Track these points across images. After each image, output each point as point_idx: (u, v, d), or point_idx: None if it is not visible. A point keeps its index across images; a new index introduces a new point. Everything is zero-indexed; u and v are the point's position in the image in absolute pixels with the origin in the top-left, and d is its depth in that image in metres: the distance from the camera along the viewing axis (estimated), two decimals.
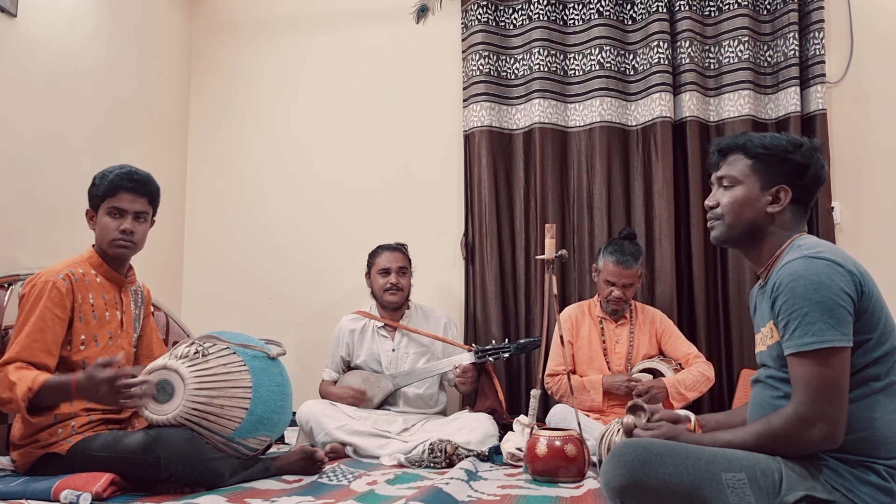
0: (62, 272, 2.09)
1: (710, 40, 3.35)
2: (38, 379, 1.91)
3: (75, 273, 2.12)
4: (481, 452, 2.53)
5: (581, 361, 2.92)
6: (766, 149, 1.57)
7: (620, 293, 2.85)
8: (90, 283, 2.15)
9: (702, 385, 2.78)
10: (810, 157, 1.56)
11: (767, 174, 1.57)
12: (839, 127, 3.25)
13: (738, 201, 1.59)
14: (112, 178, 2.17)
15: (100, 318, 2.15)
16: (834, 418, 1.39)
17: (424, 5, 3.59)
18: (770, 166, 1.57)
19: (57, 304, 2.04)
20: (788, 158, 1.56)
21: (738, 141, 1.62)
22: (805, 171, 1.56)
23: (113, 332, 2.18)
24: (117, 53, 3.22)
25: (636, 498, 1.39)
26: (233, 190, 3.75)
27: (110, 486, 1.88)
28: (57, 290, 2.05)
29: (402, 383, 2.97)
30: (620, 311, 2.92)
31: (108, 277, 2.21)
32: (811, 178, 1.56)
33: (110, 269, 2.21)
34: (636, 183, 3.32)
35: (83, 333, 2.10)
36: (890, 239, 3.19)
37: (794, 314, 1.42)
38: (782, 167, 1.56)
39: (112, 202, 2.16)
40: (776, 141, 1.58)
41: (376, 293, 3.07)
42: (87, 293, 2.13)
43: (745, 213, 1.58)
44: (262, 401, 2.10)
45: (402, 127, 3.62)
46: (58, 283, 2.06)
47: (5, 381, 1.93)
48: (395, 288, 3.02)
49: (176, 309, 3.59)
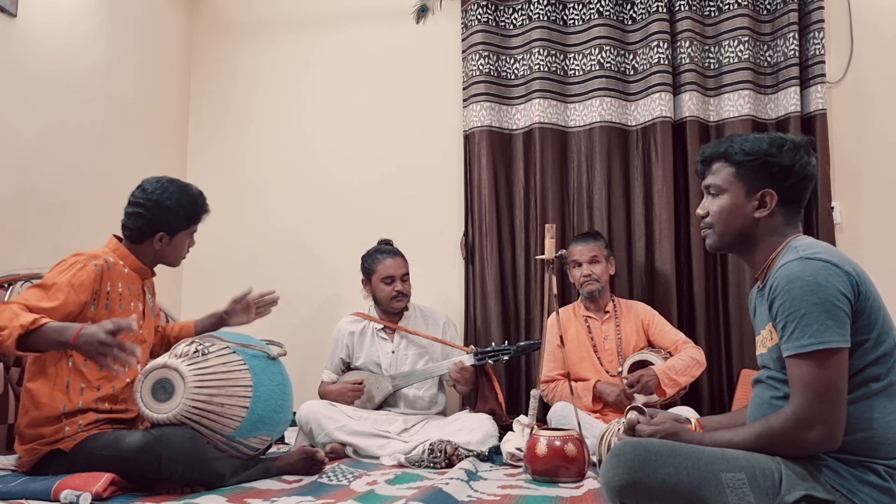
0: (97, 259, 2.12)
1: (710, 40, 3.35)
2: (42, 319, 1.85)
3: (109, 261, 2.15)
4: (481, 452, 2.53)
5: (573, 362, 2.93)
6: (747, 154, 1.56)
7: (588, 270, 2.92)
8: (119, 272, 2.19)
9: (693, 369, 2.78)
10: (793, 157, 1.54)
11: (751, 180, 1.56)
12: (839, 127, 3.25)
13: (725, 210, 1.58)
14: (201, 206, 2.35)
15: (125, 308, 2.18)
16: (832, 420, 1.39)
17: (424, 5, 3.59)
18: (753, 171, 1.56)
19: (80, 283, 2.04)
20: (770, 162, 1.54)
21: (720, 148, 1.61)
22: (789, 171, 1.54)
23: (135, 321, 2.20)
24: (117, 53, 3.22)
25: (636, 498, 1.39)
26: (232, 190, 3.75)
27: (110, 485, 1.88)
28: (86, 272, 2.06)
29: (402, 384, 2.97)
30: (597, 293, 2.95)
31: (135, 268, 2.25)
32: (797, 178, 1.54)
33: (136, 259, 2.25)
34: (636, 183, 3.32)
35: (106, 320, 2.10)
36: (890, 239, 3.19)
37: (791, 316, 1.42)
38: (765, 171, 1.55)
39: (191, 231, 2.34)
40: (757, 145, 1.56)
41: (381, 301, 3.05)
42: (118, 281, 2.17)
43: (733, 220, 1.58)
44: (262, 400, 2.10)
45: (402, 127, 3.62)
46: (89, 266, 2.08)
47: (6, 311, 1.86)
48: (401, 295, 3.02)
49: (176, 309, 3.59)
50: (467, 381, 2.92)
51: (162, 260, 2.32)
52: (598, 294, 2.96)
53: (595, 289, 2.94)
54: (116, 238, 2.27)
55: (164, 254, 2.30)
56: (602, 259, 2.96)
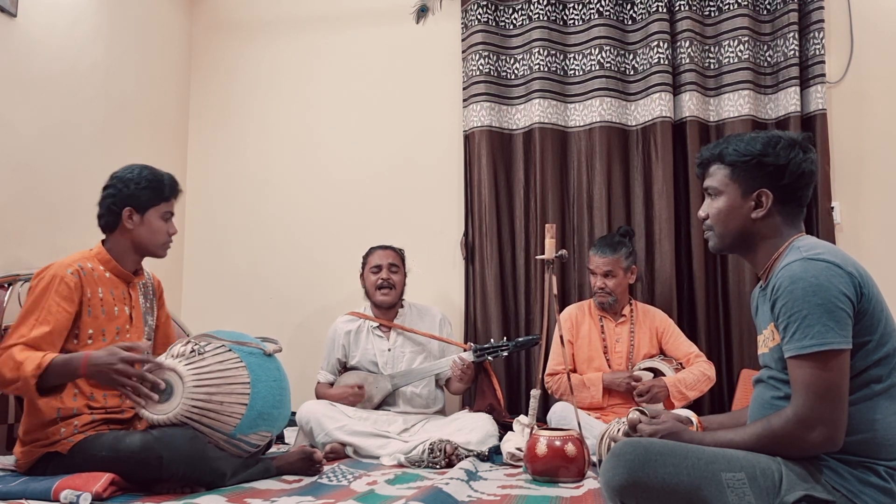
0: (71, 266, 2.10)
1: (710, 40, 3.35)
2: (46, 357, 1.90)
3: (84, 267, 2.13)
4: (481, 452, 2.53)
5: (581, 360, 2.93)
6: (741, 155, 1.56)
7: (602, 283, 2.88)
8: (99, 277, 2.16)
9: (703, 384, 2.78)
10: (787, 155, 1.53)
11: (746, 180, 1.56)
12: (839, 127, 3.25)
13: (723, 211, 1.59)
14: (169, 183, 2.25)
15: (108, 313, 2.16)
16: (834, 421, 1.38)
17: (424, 5, 3.59)
18: (748, 172, 1.56)
19: (65, 297, 2.04)
20: (765, 161, 1.54)
21: (716, 151, 1.62)
22: (784, 170, 1.53)
23: (121, 327, 2.19)
24: (117, 53, 3.22)
25: (636, 497, 1.39)
26: (232, 190, 3.75)
27: (110, 486, 1.88)
28: (65, 284, 2.05)
29: (401, 383, 2.97)
30: (607, 305, 2.92)
31: (117, 273, 2.22)
32: (793, 177, 1.54)
33: (118, 265, 2.22)
34: (636, 183, 3.32)
35: (91, 327, 2.11)
36: (890, 239, 3.19)
37: (793, 317, 1.42)
38: (760, 171, 1.55)
39: (167, 206, 2.25)
40: (751, 146, 1.56)
41: (369, 292, 3.08)
42: (97, 287, 2.14)
43: (732, 221, 1.59)
44: (260, 396, 2.10)
45: (402, 127, 3.62)
46: (66, 277, 2.06)
47: (10, 361, 1.92)
48: (386, 284, 3.02)
49: (176, 309, 3.59)
50: (469, 378, 2.92)
51: (140, 247, 2.23)
52: (609, 306, 2.94)
53: (606, 301, 2.91)
54: (102, 243, 2.25)
55: (140, 236, 2.21)
56: (619, 272, 2.89)
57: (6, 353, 1.94)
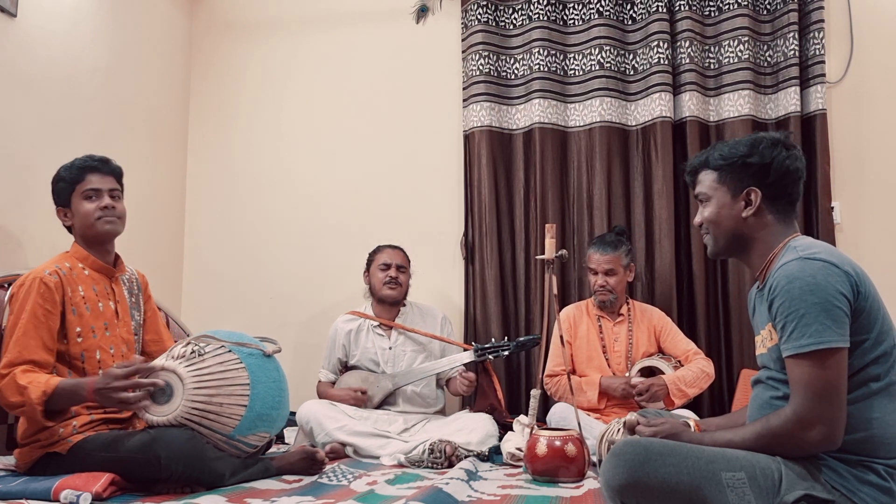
0: (48, 269, 2.10)
1: (710, 40, 3.35)
2: (50, 382, 1.93)
3: (62, 268, 2.13)
4: (481, 452, 2.54)
5: (580, 360, 2.93)
6: (725, 159, 1.61)
7: (603, 281, 2.88)
8: (78, 275, 2.16)
9: (702, 381, 2.78)
10: (771, 153, 1.57)
11: (734, 181, 1.60)
12: (839, 127, 3.25)
13: (715, 214, 1.63)
14: (77, 164, 2.22)
15: (93, 310, 2.16)
16: (832, 420, 1.39)
17: (424, 5, 3.59)
18: (733, 173, 1.60)
19: (47, 299, 2.05)
20: (749, 162, 1.58)
21: (702, 158, 1.67)
22: (768, 169, 1.56)
23: (108, 322, 2.19)
24: (117, 53, 3.23)
25: (636, 497, 1.39)
26: (232, 190, 3.75)
27: (110, 486, 1.88)
28: (45, 285, 2.06)
29: (402, 382, 2.97)
30: (608, 303, 2.92)
31: (96, 268, 2.22)
32: (778, 174, 1.56)
33: (96, 259, 2.22)
34: (636, 183, 3.32)
35: (78, 325, 2.11)
36: (890, 239, 3.18)
37: (790, 316, 1.42)
38: (745, 171, 1.58)
39: (83, 186, 2.19)
40: (735, 148, 1.61)
41: (374, 288, 3.08)
42: (77, 285, 2.14)
43: (724, 223, 1.61)
44: (260, 397, 2.10)
45: (402, 127, 3.62)
46: (45, 278, 2.07)
47: (13, 385, 1.94)
48: (394, 282, 3.03)
49: (176, 309, 3.59)
50: (471, 389, 2.93)
51: (85, 236, 2.20)
52: (610, 304, 2.94)
53: (608, 299, 2.91)
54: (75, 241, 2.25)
55: (78, 226, 2.20)
56: (620, 270, 2.89)
57: (8, 376, 1.96)
